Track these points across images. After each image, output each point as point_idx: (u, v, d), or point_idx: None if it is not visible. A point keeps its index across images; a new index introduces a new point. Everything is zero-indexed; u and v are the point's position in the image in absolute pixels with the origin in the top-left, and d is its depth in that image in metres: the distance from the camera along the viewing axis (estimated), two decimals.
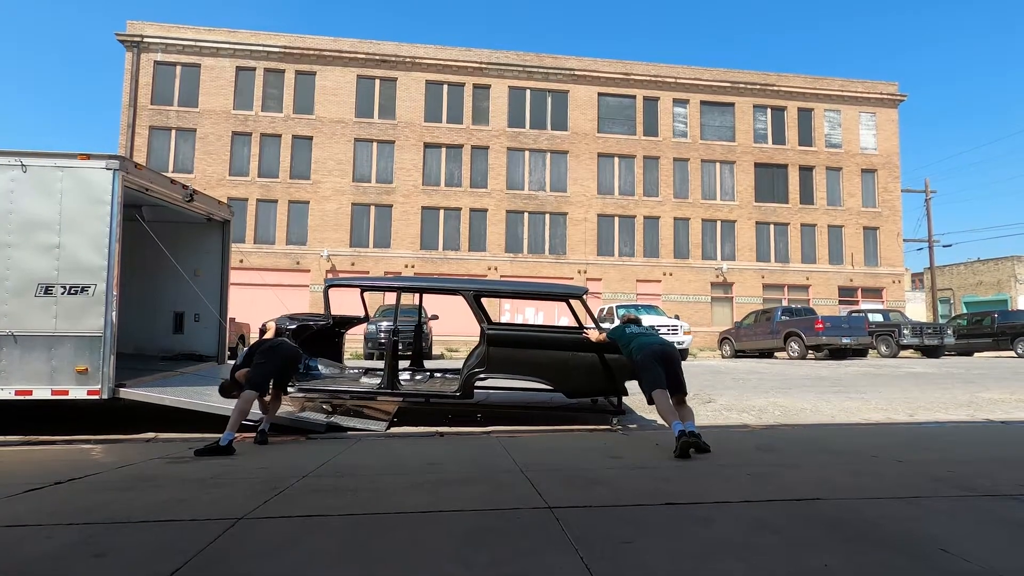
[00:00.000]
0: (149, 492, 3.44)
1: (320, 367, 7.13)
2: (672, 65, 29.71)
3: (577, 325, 6.50)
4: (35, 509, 3.12)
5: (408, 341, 15.16)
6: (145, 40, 26.29)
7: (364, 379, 7.08)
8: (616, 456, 4.36)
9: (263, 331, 5.91)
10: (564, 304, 6.67)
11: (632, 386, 7.27)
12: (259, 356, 5.14)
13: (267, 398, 5.22)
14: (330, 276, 23.23)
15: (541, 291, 9.09)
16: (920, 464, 3.99)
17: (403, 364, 7.77)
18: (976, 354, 19.76)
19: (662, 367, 4.58)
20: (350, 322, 8.14)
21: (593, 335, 5.84)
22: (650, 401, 4.62)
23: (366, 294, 7.50)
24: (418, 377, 7.52)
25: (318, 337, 7.30)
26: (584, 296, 6.45)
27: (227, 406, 5.79)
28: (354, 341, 18.42)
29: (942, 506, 2.99)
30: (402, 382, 6.78)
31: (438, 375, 7.64)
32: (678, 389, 4.62)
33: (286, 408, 6.02)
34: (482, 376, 6.08)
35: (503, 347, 6.04)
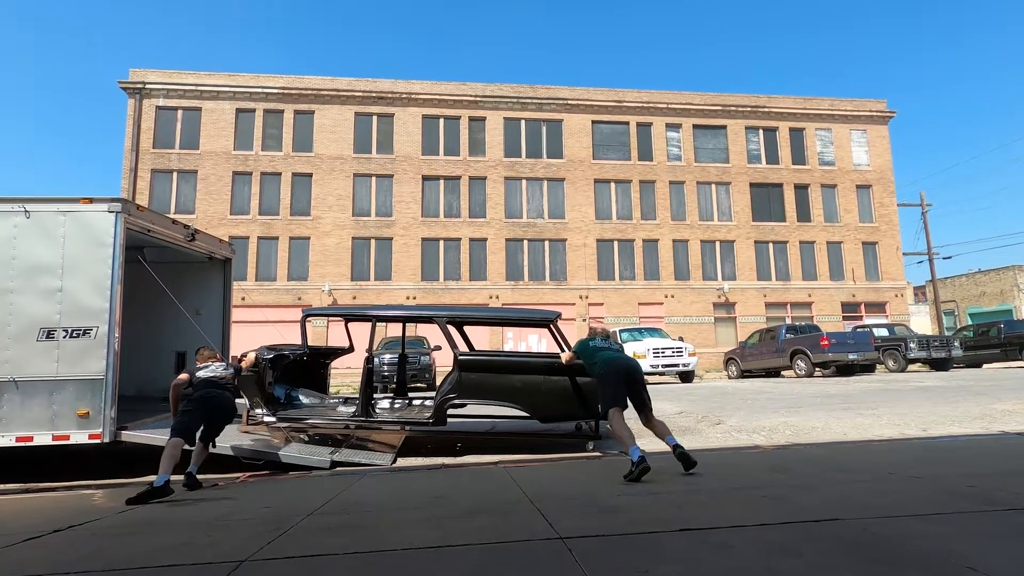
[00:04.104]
0: (151, 536, 3.36)
1: (302, 397, 7.18)
2: (663, 91, 30.29)
3: (559, 349, 6.49)
4: (34, 558, 3.04)
5: (413, 372, 15.08)
6: (147, 87, 26.90)
7: (341, 408, 7.08)
8: (627, 482, 4.27)
9: (239, 360, 5.90)
10: (568, 327, 6.64)
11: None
12: (188, 403, 4.86)
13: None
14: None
15: (514, 317, 9.12)
16: (938, 479, 3.90)
17: (387, 394, 7.80)
18: (985, 365, 19.56)
19: (624, 386, 4.64)
20: (334, 353, 8.16)
21: (564, 357, 5.82)
22: (604, 417, 4.74)
23: (371, 327, 7.52)
24: (397, 405, 7.51)
25: (303, 368, 7.34)
26: (556, 320, 6.48)
27: (228, 443, 5.72)
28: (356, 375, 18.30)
29: (965, 522, 2.91)
30: (380, 411, 6.79)
31: (417, 403, 7.61)
32: (643, 406, 4.69)
33: (257, 438, 6.06)
34: (455, 403, 6.08)
35: (475, 373, 6.03)
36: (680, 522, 3.11)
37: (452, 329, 6.76)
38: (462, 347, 6.96)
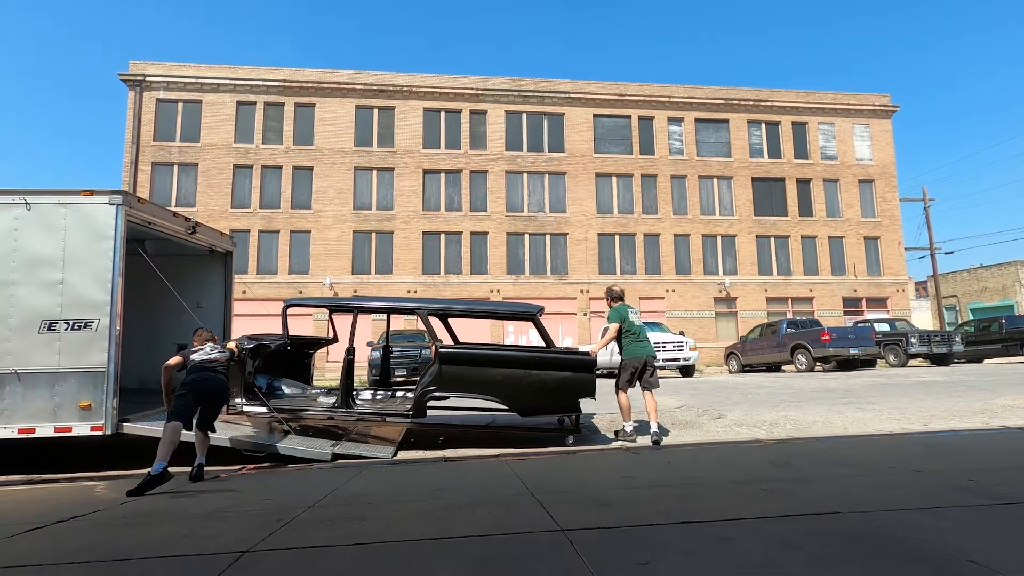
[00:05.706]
0: (152, 527, 3.37)
1: (284, 387, 7.21)
2: (665, 84, 30.13)
3: (545, 343, 6.47)
4: (36, 549, 3.05)
5: (414, 367, 15.11)
6: (148, 79, 26.80)
7: (323, 398, 7.10)
8: (627, 476, 4.28)
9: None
10: (568, 321, 6.68)
11: (592, 406, 7.32)
12: (181, 388, 4.88)
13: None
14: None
15: (497, 311, 9.09)
16: (939, 474, 3.90)
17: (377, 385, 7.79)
18: (986, 360, 19.54)
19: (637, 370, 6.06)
20: (317, 343, 8.16)
21: (593, 349, 6.26)
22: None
23: (353, 318, 7.50)
24: (379, 396, 7.52)
25: (286, 358, 7.33)
26: (539, 314, 6.49)
27: (226, 434, 5.73)
28: (360, 368, 18.30)
29: (966, 516, 2.91)
30: (361, 402, 6.82)
31: (399, 395, 7.62)
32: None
33: (244, 430, 6.06)
34: (435, 395, 6.09)
35: (455, 365, 6.02)
36: (681, 515, 3.11)
37: (436, 321, 6.73)
38: (447, 340, 6.95)
